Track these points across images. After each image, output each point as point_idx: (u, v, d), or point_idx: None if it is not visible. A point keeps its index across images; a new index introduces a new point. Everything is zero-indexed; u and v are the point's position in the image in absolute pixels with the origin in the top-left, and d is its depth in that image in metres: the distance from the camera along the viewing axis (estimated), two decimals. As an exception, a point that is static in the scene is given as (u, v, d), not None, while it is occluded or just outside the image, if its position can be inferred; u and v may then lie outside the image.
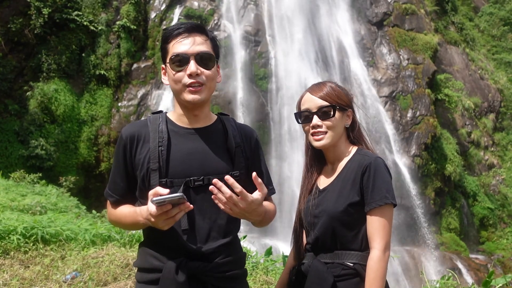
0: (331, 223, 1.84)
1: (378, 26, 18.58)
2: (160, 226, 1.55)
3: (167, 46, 1.76)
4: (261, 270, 4.30)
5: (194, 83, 1.71)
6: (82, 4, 15.32)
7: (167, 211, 1.50)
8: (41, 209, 6.87)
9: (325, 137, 1.91)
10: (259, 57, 15.93)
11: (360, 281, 1.80)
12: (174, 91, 1.77)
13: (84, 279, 3.91)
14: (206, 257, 1.70)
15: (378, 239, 1.79)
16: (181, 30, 1.74)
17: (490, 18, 28.57)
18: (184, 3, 16.60)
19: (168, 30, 1.77)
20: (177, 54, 1.71)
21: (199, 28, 1.77)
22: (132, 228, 1.81)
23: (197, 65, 1.71)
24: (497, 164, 21.38)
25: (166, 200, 1.48)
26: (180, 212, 1.52)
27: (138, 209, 1.67)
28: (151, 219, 1.53)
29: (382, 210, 1.81)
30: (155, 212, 1.49)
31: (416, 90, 17.32)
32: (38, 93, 13.65)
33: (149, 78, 15.70)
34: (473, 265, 14.98)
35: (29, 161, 12.85)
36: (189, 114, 1.79)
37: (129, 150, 1.75)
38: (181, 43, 1.72)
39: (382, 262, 1.76)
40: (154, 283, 1.68)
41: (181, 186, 1.68)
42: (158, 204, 1.48)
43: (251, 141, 1.91)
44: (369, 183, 1.82)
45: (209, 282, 1.70)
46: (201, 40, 1.75)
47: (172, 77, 1.73)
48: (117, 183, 1.79)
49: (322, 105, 1.91)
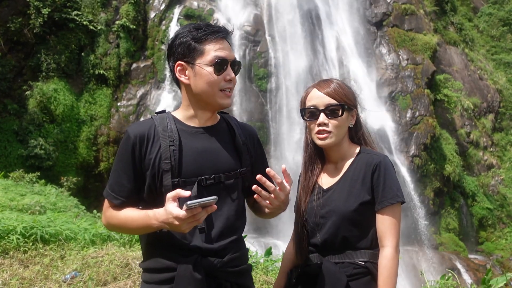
0: (342, 222, 1.83)
1: (377, 26, 18.59)
2: (182, 229, 1.54)
3: (202, 47, 1.73)
4: (261, 270, 4.30)
5: (229, 88, 1.76)
6: (82, 4, 15.30)
7: (195, 214, 1.49)
8: (40, 208, 6.86)
9: (330, 136, 1.88)
10: (259, 57, 15.93)
11: (371, 280, 1.79)
12: (204, 93, 1.74)
13: (84, 279, 3.90)
14: (218, 253, 1.71)
15: (390, 237, 1.79)
16: (221, 35, 1.76)
17: (489, 19, 28.59)
18: (184, 3, 16.59)
19: (202, 30, 1.75)
20: (222, 58, 1.72)
21: (229, 34, 1.81)
22: (139, 232, 1.76)
23: (232, 71, 1.77)
24: (496, 165, 21.40)
25: (201, 203, 1.46)
26: (205, 214, 1.52)
27: (151, 212, 1.61)
28: (174, 222, 1.50)
29: (393, 209, 1.81)
30: (184, 215, 1.47)
31: (415, 90, 17.34)
32: (37, 93, 13.63)
33: (148, 78, 15.68)
34: (472, 265, 15.00)
35: (28, 160, 12.83)
36: (205, 116, 1.80)
37: (139, 150, 1.71)
38: (222, 49, 1.74)
39: (395, 260, 1.77)
40: (167, 283, 1.67)
41: (194, 185, 1.68)
42: (190, 208, 1.46)
43: (254, 139, 1.93)
44: (380, 181, 1.81)
45: (223, 277, 1.71)
46: (229, 46, 1.79)
47: (210, 79, 1.72)
48: (123, 184, 1.73)
49: (330, 103, 1.87)
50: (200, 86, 1.73)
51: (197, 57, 1.73)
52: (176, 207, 1.49)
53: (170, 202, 1.51)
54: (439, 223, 16.63)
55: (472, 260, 15.57)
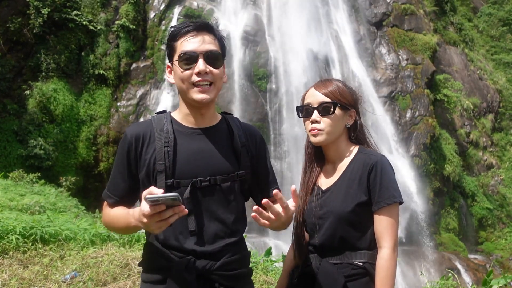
0: (339, 223, 1.82)
1: (377, 26, 18.59)
2: (151, 229, 1.49)
3: (175, 44, 1.73)
4: (261, 270, 4.29)
5: (202, 82, 1.69)
6: (81, 4, 15.29)
7: (160, 213, 1.43)
8: (40, 208, 6.84)
9: (322, 133, 1.88)
10: (258, 57, 15.93)
11: (369, 280, 1.79)
12: (180, 90, 1.74)
13: (83, 279, 3.90)
14: (213, 256, 1.69)
15: (387, 237, 1.78)
16: (190, 28, 1.71)
17: (489, 19, 28.60)
18: (184, 3, 16.59)
19: (176, 28, 1.74)
20: (185, 52, 1.68)
21: (208, 27, 1.75)
22: (124, 231, 1.76)
23: (205, 64, 1.68)
24: (496, 165, 21.41)
25: (161, 199, 1.40)
26: (174, 215, 1.45)
27: (131, 211, 1.61)
28: (143, 219, 1.46)
29: (390, 209, 1.80)
30: (148, 211, 1.42)
31: (415, 90, 17.34)
32: (37, 93, 13.62)
33: (148, 78, 15.68)
34: (472, 265, 15.00)
35: (27, 160, 12.82)
36: (195, 113, 1.77)
37: (134, 150, 1.72)
38: (190, 41, 1.69)
39: (392, 261, 1.76)
40: (161, 283, 1.67)
41: (188, 187, 1.67)
42: (152, 203, 1.41)
43: (256, 140, 1.89)
44: (377, 182, 1.80)
45: (217, 281, 1.69)
46: (209, 39, 1.73)
47: (180, 75, 1.70)
48: (118, 183, 1.75)
49: (323, 101, 1.88)
50: (177, 84, 1.74)
51: (173, 55, 1.73)
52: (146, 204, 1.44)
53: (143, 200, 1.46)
54: (438, 223, 16.63)
55: (471, 260, 15.57)
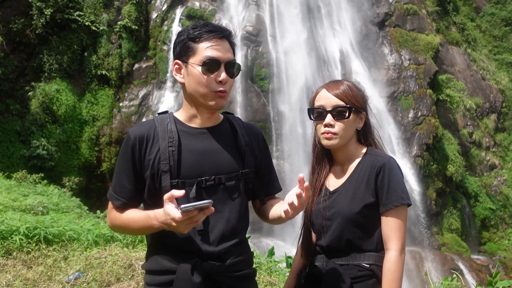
0: (346, 225, 1.81)
1: (379, 26, 18.57)
2: (180, 230, 1.51)
3: (196, 46, 1.70)
4: (265, 271, 4.28)
5: (223, 90, 1.70)
6: (84, 4, 15.32)
7: (192, 217, 1.47)
8: (43, 209, 6.84)
9: (336, 137, 1.86)
10: (261, 57, 15.93)
11: (376, 282, 1.78)
12: (195, 93, 1.72)
13: (87, 279, 3.90)
14: (219, 257, 1.68)
15: (394, 240, 1.76)
16: (216, 34, 1.70)
17: (492, 19, 28.54)
18: (186, 3, 16.60)
19: (197, 29, 1.71)
20: (211, 58, 1.67)
21: (229, 35, 1.75)
22: (142, 232, 1.75)
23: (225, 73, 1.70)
24: (499, 165, 21.35)
25: (195, 207, 1.45)
26: (203, 216, 1.49)
27: (152, 213, 1.60)
28: (172, 223, 1.48)
29: (398, 211, 1.78)
30: (180, 218, 1.45)
31: (417, 90, 17.31)
32: (40, 93, 13.65)
33: (150, 78, 15.69)
34: (475, 266, 14.96)
35: (30, 161, 12.85)
36: (203, 115, 1.77)
37: (138, 151, 1.71)
38: (215, 48, 1.69)
39: (399, 263, 1.74)
40: (167, 285, 1.66)
41: (193, 186, 1.67)
42: (185, 211, 1.45)
43: (259, 140, 1.90)
44: (384, 184, 1.79)
45: (223, 282, 1.68)
46: (228, 47, 1.73)
47: (201, 79, 1.69)
48: (124, 185, 1.73)
49: (338, 104, 1.85)
50: (192, 86, 1.71)
51: (191, 56, 1.70)
52: (174, 208, 1.47)
53: (168, 203, 1.48)
54: (441, 223, 16.59)
55: (474, 261, 15.52)
